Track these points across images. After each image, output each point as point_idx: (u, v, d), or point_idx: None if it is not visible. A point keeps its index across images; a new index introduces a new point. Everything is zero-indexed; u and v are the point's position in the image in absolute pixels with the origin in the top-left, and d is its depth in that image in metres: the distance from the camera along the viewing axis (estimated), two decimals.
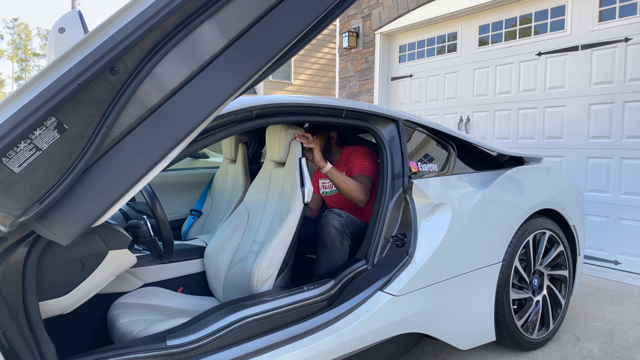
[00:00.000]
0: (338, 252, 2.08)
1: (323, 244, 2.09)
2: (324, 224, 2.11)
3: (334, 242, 2.07)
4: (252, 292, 1.94)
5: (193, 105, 1.22)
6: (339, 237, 2.08)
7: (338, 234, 2.08)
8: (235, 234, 2.23)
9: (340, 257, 2.08)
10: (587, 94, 4.08)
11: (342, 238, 2.08)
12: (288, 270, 2.03)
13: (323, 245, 2.09)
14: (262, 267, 1.92)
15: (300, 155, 2.08)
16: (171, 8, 1.12)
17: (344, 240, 2.10)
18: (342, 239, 2.08)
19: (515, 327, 2.29)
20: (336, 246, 2.07)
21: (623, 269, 3.88)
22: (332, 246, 2.07)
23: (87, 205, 1.17)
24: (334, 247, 2.07)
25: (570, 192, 2.79)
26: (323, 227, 2.10)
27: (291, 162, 2.09)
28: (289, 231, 1.96)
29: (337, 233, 2.08)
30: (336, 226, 2.08)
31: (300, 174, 2.02)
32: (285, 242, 1.96)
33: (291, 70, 12.93)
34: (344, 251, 2.10)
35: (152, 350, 1.44)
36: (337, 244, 2.07)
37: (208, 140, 1.65)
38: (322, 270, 2.10)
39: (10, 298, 1.32)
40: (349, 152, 2.53)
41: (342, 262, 2.09)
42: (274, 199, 2.19)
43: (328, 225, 2.09)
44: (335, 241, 2.07)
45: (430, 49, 5.57)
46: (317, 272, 2.13)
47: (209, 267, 2.26)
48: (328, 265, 2.08)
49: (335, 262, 2.07)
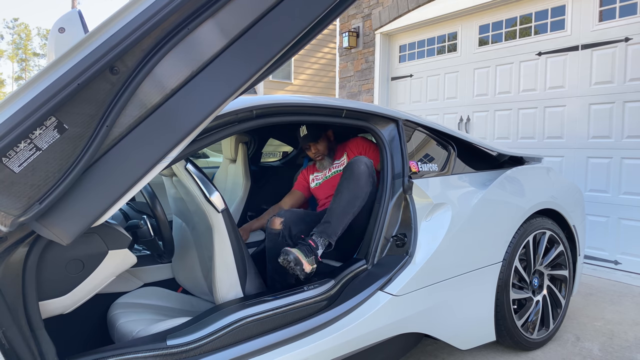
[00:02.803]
0: (366, 184, 2.01)
1: (351, 173, 2.00)
2: (355, 161, 2.04)
3: (362, 175, 2.00)
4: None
5: (193, 105, 1.22)
6: (366, 174, 2.02)
7: (367, 171, 2.02)
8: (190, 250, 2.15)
9: (364, 194, 2.02)
10: (587, 94, 4.08)
11: (368, 179, 2.03)
12: (253, 275, 1.91)
13: (351, 174, 2.00)
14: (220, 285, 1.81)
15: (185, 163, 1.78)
16: (171, 8, 1.12)
17: (370, 181, 2.05)
18: (368, 179, 2.03)
19: (515, 327, 2.29)
20: (363, 180, 2.01)
21: (623, 269, 3.88)
22: (360, 178, 2.00)
23: (87, 205, 1.17)
24: (360, 179, 2.00)
25: (571, 192, 2.79)
26: (354, 162, 2.03)
27: (180, 174, 1.80)
28: (226, 249, 1.80)
29: (367, 170, 2.02)
30: (367, 164, 2.04)
31: (197, 184, 1.75)
32: (229, 259, 1.81)
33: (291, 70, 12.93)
34: (368, 192, 2.04)
35: (152, 350, 1.44)
36: (364, 179, 2.01)
37: (208, 140, 1.65)
38: (344, 200, 1.98)
39: (10, 298, 1.32)
40: (349, 142, 2.51)
41: (363, 202, 2.03)
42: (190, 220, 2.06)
43: (359, 161, 2.03)
44: (363, 175, 2.00)
45: (430, 49, 5.57)
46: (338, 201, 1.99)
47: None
48: (351, 195, 1.98)
49: (359, 196, 2.00)
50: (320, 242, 1.92)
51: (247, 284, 1.86)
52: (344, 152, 2.48)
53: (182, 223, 2.20)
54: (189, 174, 1.74)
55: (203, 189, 1.73)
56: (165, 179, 2.13)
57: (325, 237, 1.94)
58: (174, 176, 1.96)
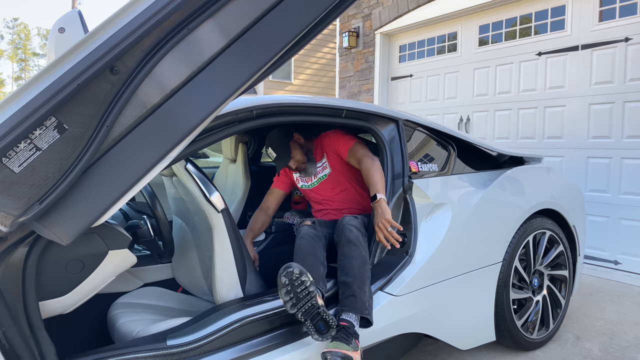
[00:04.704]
0: (365, 243, 1.93)
1: (349, 241, 1.89)
2: (346, 227, 1.93)
3: (359, 239, 1.91)
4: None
5: (193, 106, 1.22)
6: (361, 235, 1.94)
7: (361, 232, 1.94)
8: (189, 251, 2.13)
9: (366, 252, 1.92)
10: (587, 94, 4.08)
11: (364, 237, 1.95)
12: (253, 275, 1.90)
13: (349, 243, 1.89)
14: (220, 285, 1.81)
15: (185, 163, 1.76)
16: (171, 8, 1.12)
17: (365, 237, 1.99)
18: (364, 237, 1.95)
19: (515, 327, 2.29)
20: (361, 242, 1.91)
21: (623, 269, 3.88)
22: (358, 243, 1.89)
23: (87, 205, 1.17)
24: (359, 244, 1.90)
25: (571, 192, 2.79)
26: (346, 230, 1.92)
27: (180, 174, 1.80)
28: (226, 249, 1.79)
29: (360, 231, 1.94)
30: (356, 225, 1.94)
31: (197, 184, 1.74)
32: (229, 259, 1.80)
33: (291, 70, 12.92)
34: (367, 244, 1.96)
35: (152, 350, 1.44)
36: (362, 240, 1.93)
37: (208, 140, 1.65)
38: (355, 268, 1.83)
39: (10, 298, 1.32)
40: (321, 140, 2.37)
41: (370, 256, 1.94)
42: (190, 220, 2.05)
43: (349, 225, 1.93)
44: (359, 238, 1.92)
45: (430, 49, 5.57)
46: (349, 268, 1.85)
47: None
48: (359, 261, 1.84)
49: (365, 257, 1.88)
50: (353, 318, 1.70)
51: (247, 284, 1.85)
52: (322, 152, 2.35)
53: (182, 223, 2.20)
54: (189, 174, 1.74)
55: (203, 189, 1.73)
56: (165, 179, 2.13)
57: (356, 313, 1.71)
58: (174, 176, 1.96)
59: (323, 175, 2.35)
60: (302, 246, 1.90)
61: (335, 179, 2.33)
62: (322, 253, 1.91)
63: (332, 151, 2.32)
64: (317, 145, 2.39)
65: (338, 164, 2.32)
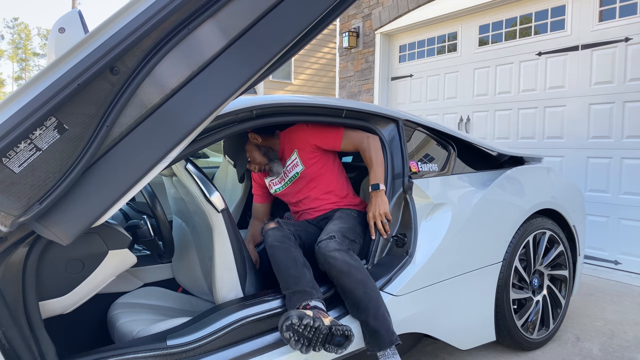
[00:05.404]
0: (360, 267, 1.79)
1: (341, 272, 1.75)
2: (323, 260, 1.78)
3: (348, 262, 1.77)
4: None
5: (193, 106, 1.22)
6: (348, 254, 1.80)
7: (350, 261, 1.78)
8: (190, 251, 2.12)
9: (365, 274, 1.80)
10: (587, 94, 4.08)
11: (359, 265, 1.80)
12: (253, 275, 1.89)
13: (342, 274, 1.75)
14: (220, 285, 1.80)
15: (185, 163, 1.73)
16: (171, 8, 1.12)
17: (354, 245, 1.91)
18: (359, 265, 1.80)
19: (515, 327, 2.29)
20: (353, 263, 1.78)
21: (623, 269, 3.88)
22: (350, 272, 1.75)
23: (88, 205, 1.17)
24: (351, 266, 1.76)
25: (571, 192, 2.79)
26: (337, 263, 1.75)
27: (180, 174, 1.77)
28: (226, 249, 1.78)
29: (350, 260, 1.78)
30: (337, 247, 1.78)
31: (197, 184, 1.72)
32: (229, 259, 1.79)
33: (291, 70, 12.92)
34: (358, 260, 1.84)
35: (152, 350, 1.44)
36: (352, 258, 1.80)
37: (208, 140, 1.65)
38: (358, 296, 1.74)
39: (10, 298, 1.32)
40: (289, 136, 2.18)
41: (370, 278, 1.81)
42: (190, 220, 2.03)
43: (329, 254, 1.77)
44: (348, 260, 1.78)
45: (430, 49, 5.57)
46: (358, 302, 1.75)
47: None
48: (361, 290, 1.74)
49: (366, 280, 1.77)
50: (389, 352, 1.69)
51: (247, 284, 1.85)
52: (292, 149, 2.15)
53: (182, 223, 2.20)
54: (189, 174, 1.74)
55: (203, 189, 1.72)
56: (165, 179, 2.13)
57: (387, 346, 1.70)
58: (174, 176, 1.96)
59: (295, 174, 2.16)
60: (277, 256, 1.79)
61: (310, 175, 2.15)
62: (298, 253, 1.81)
63: (308, 145, 2.12)
64: (285, 142, 2.18)
65: (315, 158, 2.14)
